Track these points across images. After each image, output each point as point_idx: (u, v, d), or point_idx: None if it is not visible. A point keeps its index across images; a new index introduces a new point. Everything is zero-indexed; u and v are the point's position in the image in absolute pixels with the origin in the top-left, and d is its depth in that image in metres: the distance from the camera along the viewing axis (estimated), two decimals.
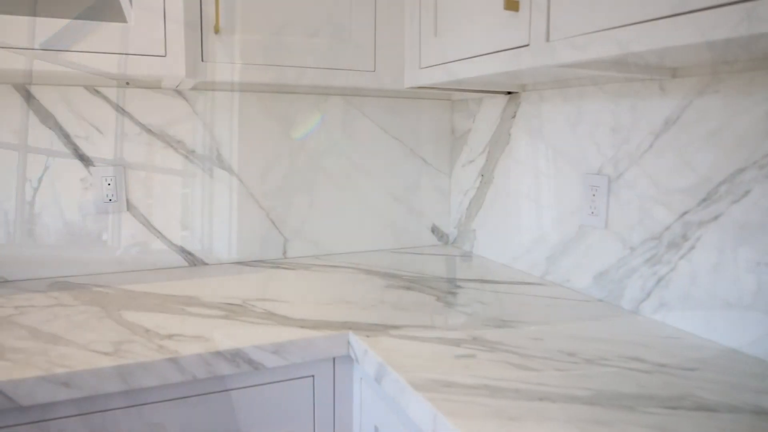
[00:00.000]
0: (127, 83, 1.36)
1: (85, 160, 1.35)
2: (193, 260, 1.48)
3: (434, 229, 1.76)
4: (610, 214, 1.15)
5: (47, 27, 1.02)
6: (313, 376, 1.01)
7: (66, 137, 1.33)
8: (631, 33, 0.76)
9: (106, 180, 1.36)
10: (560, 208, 1.29)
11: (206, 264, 1.49)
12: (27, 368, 0.82)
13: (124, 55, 1.08)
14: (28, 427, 0.83)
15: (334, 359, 1.02)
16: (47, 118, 1.31)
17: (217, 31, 1.15)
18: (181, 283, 1.30)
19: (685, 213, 0.99)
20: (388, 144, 1.66)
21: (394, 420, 0.90)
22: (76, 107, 1.33)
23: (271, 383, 0.98)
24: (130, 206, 1.40)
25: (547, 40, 0.91)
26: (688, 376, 0.82)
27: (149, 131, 1.40)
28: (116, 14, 1.22)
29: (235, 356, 0.91)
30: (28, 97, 1.29)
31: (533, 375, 0.81)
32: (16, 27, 1.00)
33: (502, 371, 0.83)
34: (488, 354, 0.89)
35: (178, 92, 1.42)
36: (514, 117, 1.44)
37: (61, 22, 1.03)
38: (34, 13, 1.05)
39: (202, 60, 1.17)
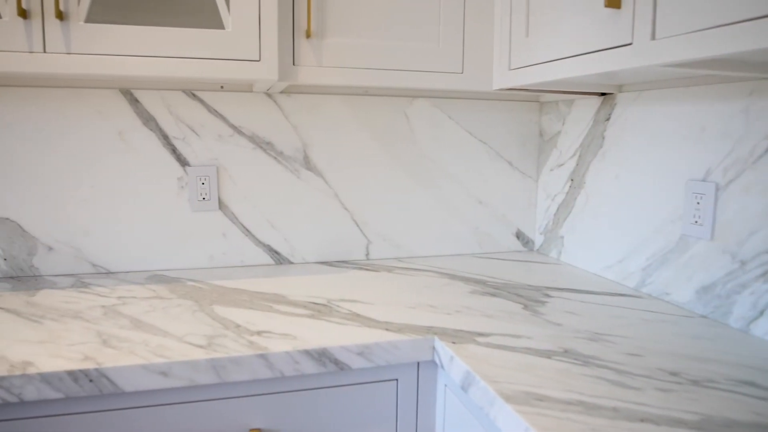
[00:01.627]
0: (222, 87, 1.42)
1: (181, 160, 1.42)
2: (279, 259, 1.52)
3: (519, 235, 1.71)
4: (717, 224, 1.07)
5: (150, 35, 1.08)
6: (396, 380, 1.00)
7: (165, 138, 1.40)
8: (750, 28, 0.69)
9: (200, 180, 1.43)
10: (659, 216, 1.22)
11: (291, 263, 1.52)
12: (130, 356, 0.87)
13: (221, 60, 1.12)
14: (130, 411, 0.88)
15: (418, 364, 1.01)
16: (149, 121, 1.38)
17: (308, 35, 1.18)
18: (269, 280, 1.34)
19: None
20: (473, 147, 1.63)
21: (479, 430, 0.87)
22: (175, 110, 1.40)
23: (354, 384, 0.98)
24: (221, 205, 1.46)
25: (653, 38, 0.85)
26: None
27: (241, 133, 1.45)
28: (215, 21, 1.28)
29: (322, 356, 0.92)
30: (132, 100, 1.37)
31: (633, 393, 0.77)
32: (121, 35, 1.07)
33: (598, 387, 0.78)
34: (582, 368, 0.85)
35: (269, 95, 1.46)
36: (608, 119, 1.37)
37: (163, 30, 1.08)
38: (138, 22, 1.11)
39: (294, 64, 1.20)
